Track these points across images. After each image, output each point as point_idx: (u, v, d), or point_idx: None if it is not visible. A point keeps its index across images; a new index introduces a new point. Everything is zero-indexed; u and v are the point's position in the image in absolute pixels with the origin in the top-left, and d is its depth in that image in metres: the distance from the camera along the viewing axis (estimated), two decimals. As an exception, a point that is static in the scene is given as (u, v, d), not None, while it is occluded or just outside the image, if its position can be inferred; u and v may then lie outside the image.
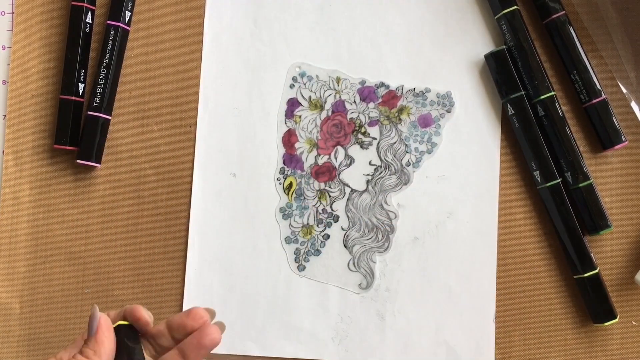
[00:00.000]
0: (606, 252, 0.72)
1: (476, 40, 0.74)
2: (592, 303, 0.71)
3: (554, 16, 0.72)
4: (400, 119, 0.73)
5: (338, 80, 0.74)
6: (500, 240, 0.73)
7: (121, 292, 0.73)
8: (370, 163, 0.73)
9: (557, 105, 0.72)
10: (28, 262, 0.73)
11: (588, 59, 0.72)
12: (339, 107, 0.73)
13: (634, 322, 0.72)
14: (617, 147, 0.71)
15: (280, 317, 0.72)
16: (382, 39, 0.74)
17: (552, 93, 0.72)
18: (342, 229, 0.73)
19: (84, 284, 0.73)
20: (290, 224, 0.73)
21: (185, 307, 0.73)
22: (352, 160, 0.73)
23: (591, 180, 0.71)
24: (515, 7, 0.71)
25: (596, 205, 0.71)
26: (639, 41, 0.72)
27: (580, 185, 0.71)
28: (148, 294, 0.73)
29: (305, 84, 0.74)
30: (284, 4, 0.74)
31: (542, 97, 0.72)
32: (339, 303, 0.73)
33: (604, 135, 0.72)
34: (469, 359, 0.71)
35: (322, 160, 0.73)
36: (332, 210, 0.73)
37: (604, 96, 0.72)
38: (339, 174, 0.73)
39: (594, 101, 0.71)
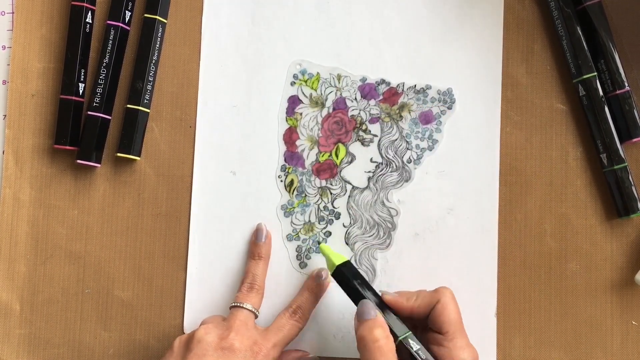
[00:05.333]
0: (606, 252, 0.73)
1: (475, 36, 0.74)
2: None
3: (587, 3, 0.72)
4: (401, 116, 0.73)
5: (339, 77, 0.74)
6: (501, 240, 0.73)
7: (121, 292, 0.73)
8: (371, 160, 0.73)
9: (597, 85, 0.72)
10: (28, 262, 0.73)
11: (616, 49, 0.72)
12: (340, 105, 0.74)
13: (634, 322, 0.72)
14: (634, 140, 0.72)
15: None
16: (381, 35, 0.74)
17: (594, 73, 0.72)
18: (344, 226, 0.73)
19: (84, 284, 0.73)
20: (291, 222, 0.73)
21: (186, 307, 0.73)
22: (353, 158, 0.73)
23: (626, 164, 0.71)
24: None
25: (629, 188, 0.71)
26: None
27: (615, 167, 0.71)
28: (148, 294, 0.73)
29: (306, 82, 0.74)
30: (281, 1, 0.74)
31: (585, 76, 0.72)
32: (341, 299, 0.72)
33: (622, 127, 0.72)
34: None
35: (323, 157, 0.74)
36: (333, 207, 0.73)
37: (627, 88, 0.72)
38: (340, 171, 0.73)
39: (618, 92, 0.72)
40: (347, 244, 0.73)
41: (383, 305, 0.66)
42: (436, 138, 0.73)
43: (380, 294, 0.67)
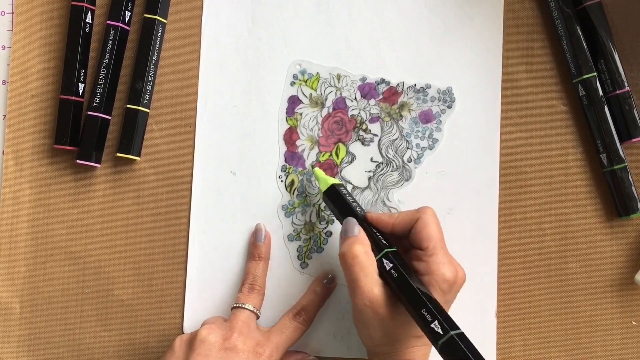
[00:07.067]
0: (606, 252, 0.73)
1: (475, 36, 0.74)
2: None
3: (587, 3, 0.72)
4: (401, 115, 0.73)
5: (339, 77, 0.74)
6: (501, 240, 0.73)
7: (121, 292, 0.73)
8: (371, 160, 0.73)
9: (597, 85, 0.72)
10: (28, 262, 0.73)
11: (616, 49, 0.72)
12: (340, 104, 0.74)
13: (634, 322, 0.72)
14: (634, 140, 0.72)
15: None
16: (381, 35, 0.74)
17: (594, 73, 0.72)
18: (345, 225, 0.73)
19: (84, 284, 0.73)
20: (292, 222, 0.73)
21: (186, 307, 0.73)
22: (353, 157, 0.73)
23: (626, 164, 0.71)
24: None
25: (629, 188, 0.71)
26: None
27: (615, 167, 0.71)
28: (148, 294, 0.73)
29: (306, 82, 0.74)
30: (281, 1, 0.74)
31: (585, 76, 0.72)
32: (341, 300, 0.72)
33: (622, 127, 0.72)
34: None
35: (323, 157, 0.73)
36: (334, 207, 0.73)
37: (627, 88, 0.72)
38: (341, 170, 0.73)
39: (618, 92, 0.72)
40: (347, 243, 0.73)
41: (368, 224, 0.67)
42: (436, 137, 0.73)
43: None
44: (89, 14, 0.73)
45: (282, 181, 0.73)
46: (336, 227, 0.73)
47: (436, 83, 0.74)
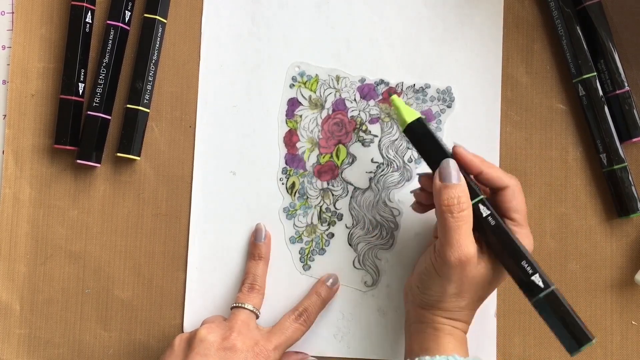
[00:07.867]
0: (606, 252, 0.73)
1: (475, 35, 0.74)
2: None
3: (587, 3, 0.72)
4: (401, 116, 0.74)
5: (338, 78, 0.74)
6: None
7: (121, 292, 0.73)
8: (372, 160, 0.73)
9: (597, 85, 0.72)
10: (28, 262, 0.73)
11: (616, 49, 0.72)
12: (340, 106, 0.73)
13: (633, 322, 0.72)
14: (634, 140, 0.72)
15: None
16: (380, 35, 0.74)
17: (594, 73, 0.72)
18: (347, 227, 0.73)
19: (84, 284, 0.73)
20: (294, 224, 0.73)
21: (186, 307, 0.73)
22: (354, 159, 0.73)
23: (626, 164, 0.71)
24: None
25: (629, 188, 0.71)
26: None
27: (615, 167, 0.71)
28: (148, 294, 0.73)
29: (305, 84, 0.74)
30: (281, 1, 0.74)
31: (584, 76, 0.72)
32: (341, 300, 0.73)
33: (622, 127, 0.72)
34: (471, 354, 0.71)
35: (324, 159, 0.73)
36: (335, 208, 0.73)
37: (627, 88, 0.72)
38: (342, 172, 0.73)
39: (618, 92, 0.72)
40: (350, 244, 0.73)
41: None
42: (436, 137, 0.73)
43: (451, 148, 0.65)
44: (89, 13, 0.73)
45: (282, 184, 0.73)
46: (338, 228, 0.73)
47: (435, 83, 0.74)
